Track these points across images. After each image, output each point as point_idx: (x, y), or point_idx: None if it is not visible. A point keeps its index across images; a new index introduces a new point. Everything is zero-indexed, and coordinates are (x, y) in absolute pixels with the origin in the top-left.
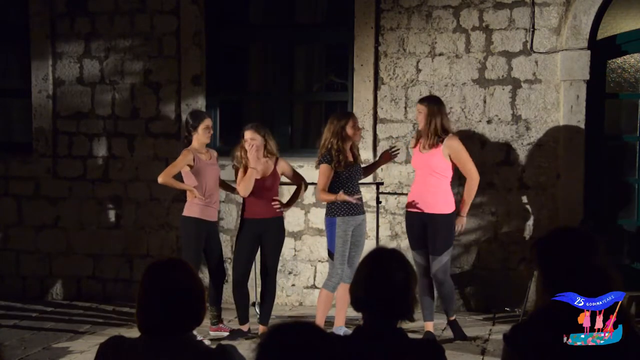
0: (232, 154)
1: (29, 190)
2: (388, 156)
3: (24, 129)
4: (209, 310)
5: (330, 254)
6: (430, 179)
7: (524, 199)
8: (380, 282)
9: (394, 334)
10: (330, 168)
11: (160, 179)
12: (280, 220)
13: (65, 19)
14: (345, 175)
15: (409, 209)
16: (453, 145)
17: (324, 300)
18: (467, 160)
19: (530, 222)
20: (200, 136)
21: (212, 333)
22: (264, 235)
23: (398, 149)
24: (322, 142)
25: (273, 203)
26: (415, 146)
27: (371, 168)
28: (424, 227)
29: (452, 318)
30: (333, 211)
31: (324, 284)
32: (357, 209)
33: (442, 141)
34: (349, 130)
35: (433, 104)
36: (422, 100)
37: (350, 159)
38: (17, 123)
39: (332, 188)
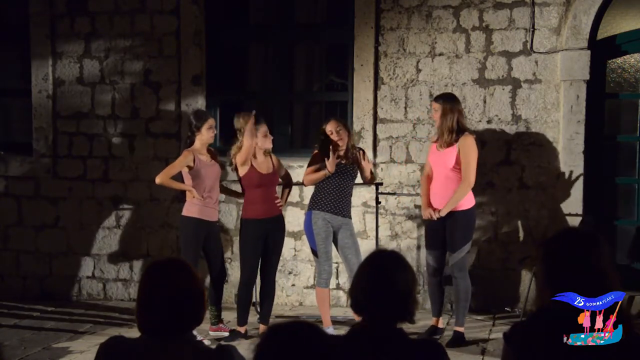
0: (233, 151)
1: (29, 190)
2: (357, 159)
3: (24, 129)
4: (209, 310)
5: (314, 252)
6: (448, 176)
7: (524, 199)
8: (380, 285)
9: (394, 334)
10: (319, 155)
11: (157, 180)
12: (282, 218)
13: (65, 19)
14: (335, 171)
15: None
16: (466, 143)
17: (321, 298)
18: (471, 162)
19: (530, 222)
20: (204, 136)
21: (212, 333)
22: (270, 234)
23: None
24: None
25: (277, 202)
26: (435, 142)
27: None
28: (443, 224)
29: (459, 329)
30: (311, 204)
31: (317, 282)
32: (339, 210)
33: (457, 140)
34: (329, 134)
35: (448, 102)
36: (437, 99)
37: (343, 161)
38: (17, 123)
39: (324, 185)
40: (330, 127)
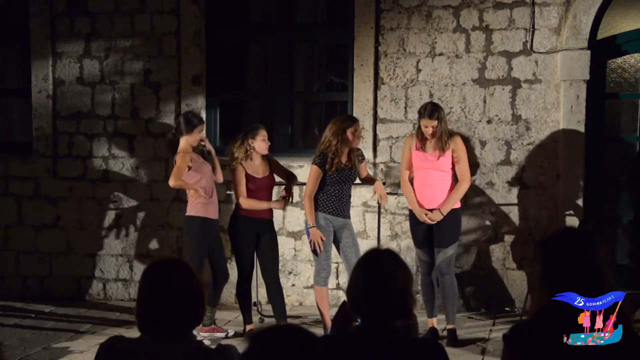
0: (228, 150)
1: (29, 190)
2: (380, 189)
3: (24, 129)
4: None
5: (314, 251)
6: (436, 176)
7: (524, 199)
8: (377, 284)
9: (393, 334)
10: (319, 170)
11: (172, 183)
12: (272, 222)
13: (65, 19)
14: (336, 178)
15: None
16: (458, 143)
17: (320, 297)
18: (466, 161)
19: (530, 222)
20: (192, 139)
21: (202, 334)
22: (261, 235)
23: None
24: (321, 140)
25: (284, 196)
26: (417, 147)
27: (366, 182)
28: (429, 224)
29: (451, 326)
30: (314, 205)
31: (315, 280)
32: (339, 212)
33: (449, 142)
34: (349, 134)
35: (440, 114)
36: (431, 116)
37: (345, 162)
38: (17, 123)
39: (321, 187)
40: (355, 128)
